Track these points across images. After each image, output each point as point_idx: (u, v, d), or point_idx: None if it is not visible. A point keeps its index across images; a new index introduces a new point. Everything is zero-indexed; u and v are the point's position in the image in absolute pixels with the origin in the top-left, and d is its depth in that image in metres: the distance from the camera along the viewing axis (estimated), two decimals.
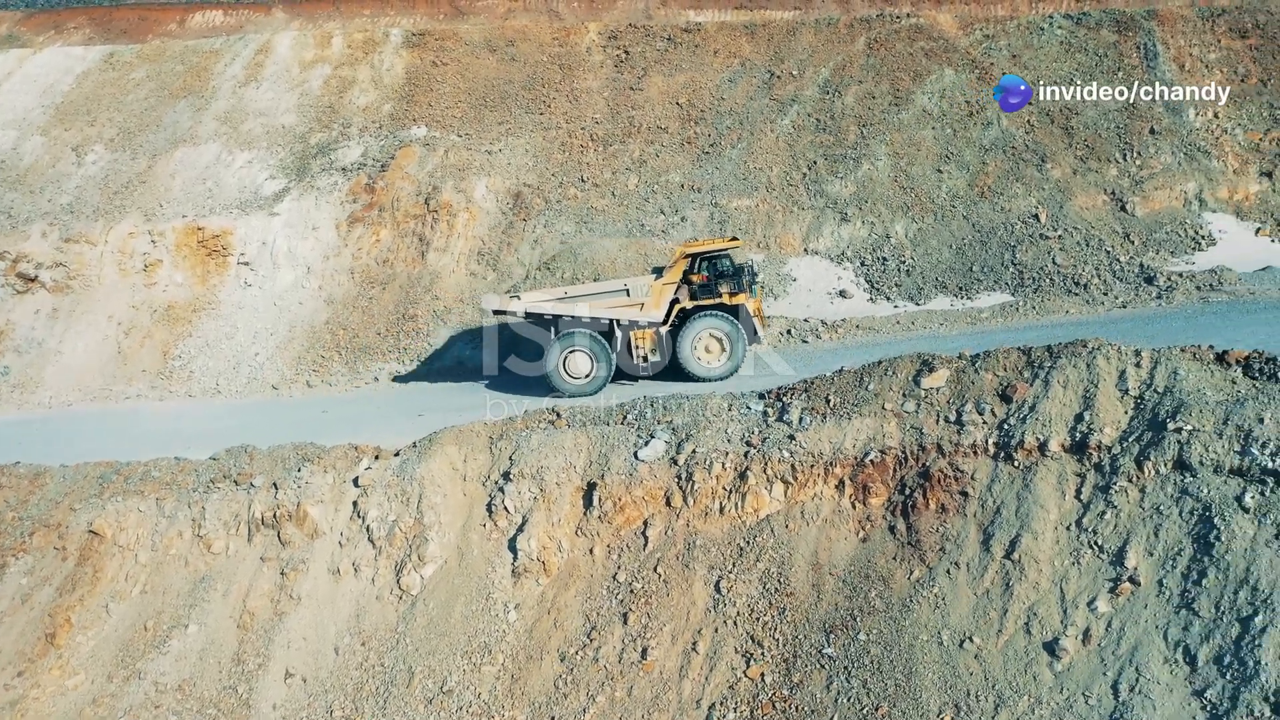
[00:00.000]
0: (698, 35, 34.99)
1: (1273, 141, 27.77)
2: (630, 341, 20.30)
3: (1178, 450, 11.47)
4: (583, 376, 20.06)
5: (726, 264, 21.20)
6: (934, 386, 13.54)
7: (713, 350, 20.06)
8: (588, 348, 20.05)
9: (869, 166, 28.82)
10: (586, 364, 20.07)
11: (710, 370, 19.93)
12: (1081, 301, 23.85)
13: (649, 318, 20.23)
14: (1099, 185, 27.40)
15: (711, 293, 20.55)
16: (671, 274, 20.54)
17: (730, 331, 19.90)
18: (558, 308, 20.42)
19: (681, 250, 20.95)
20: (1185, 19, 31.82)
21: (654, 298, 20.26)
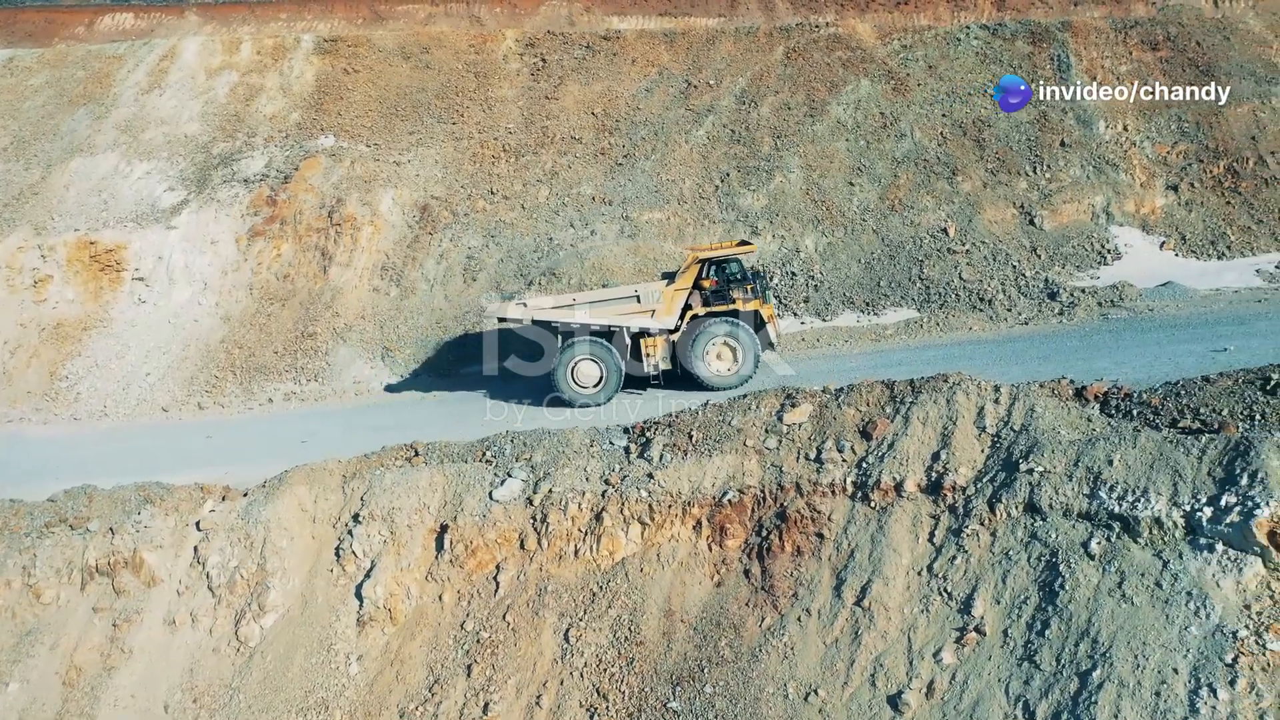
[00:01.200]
0: (617, 43, 34.46)
1: (1179, 155, 27.84)
2: (641, 349, 19.69)
3: (1029, 492, 11.13)
4: (591, 386, 19.45)
5: (738, 269, 20.64)
6: (796, 422, 13.11)
7: (725, 358, 19.52)
8: (597, 356, 19.39)
9: (781, 179, 28.48)
10: (595, 373, 19.45)
11: (722, 378, 19.35)
12: (985, 318, 23.67)
13: (660, 324, 19.65)
14: (1008, 198, 27.28)
15: (724, 299, 20.03)
16: (683, 280, 19.89)
17: (743, 338, 19.32)
18: (566, 315, 19.71)
19: (693, 255, 20.23)
20: (1099, 30, 31.89)
21: (665, 304, 19.65)
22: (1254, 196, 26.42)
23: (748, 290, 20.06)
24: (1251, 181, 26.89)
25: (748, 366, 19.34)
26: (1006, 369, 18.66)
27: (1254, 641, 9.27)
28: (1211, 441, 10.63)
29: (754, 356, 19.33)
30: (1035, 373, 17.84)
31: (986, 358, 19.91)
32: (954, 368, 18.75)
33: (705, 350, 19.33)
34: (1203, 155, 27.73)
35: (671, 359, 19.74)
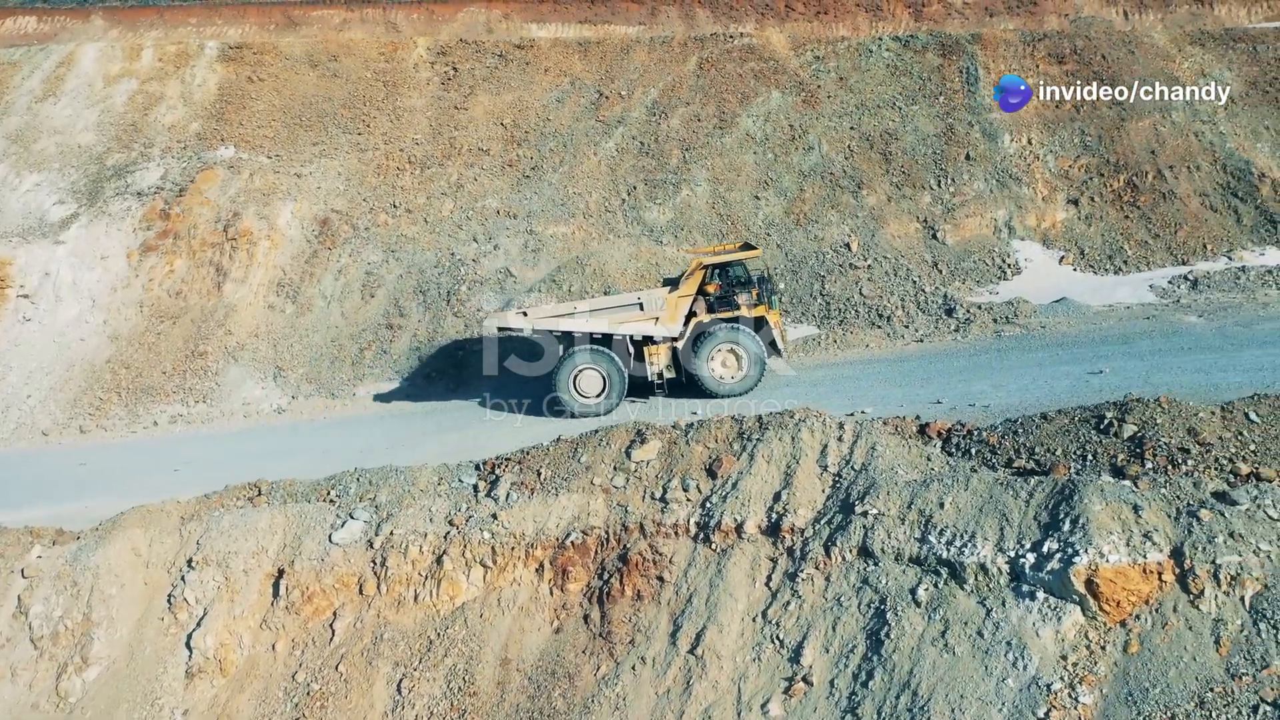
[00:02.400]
0: (530, 52, 34.00)
1: (1081, 168, 28.00)
2: (644, 357, 19.25)
3: (863, 536, 10.90)
4: (594, 396, 18.95)
5: (743, 273, 20.10)
6: (645, 459, 12.78)
7: (730, 365, 19.06)
8: (600, 365, 18.90)
9: (688, 192, 28.21)
10: (598, 382, 18.95)
11: (728, 386, 18.95)
12: (883, 335, 23.58)
13: (664, 332, 19.16)
14: (912, 213, 27.26)
15: (729, 305, 19.54)
16: (687, 286, 19.40)
17: (748, 345, 18.87)
18: (567, 323, 19.19)
19: (697, 261, 19.74)
20: (1008, 43, 32.03)
21: (669, 311, 19.13)
22: (1152, 210, 26.65)
23: (753, 295, 19.62)
24: (1150, 195, 27.12)
25: (753, 374, 18.99)
26: (889, 391, 18.53)
27: (1067, 695, 9.10)
28: (1040, 484, 10.47)
29: (759, 363, 18.98)
30: (915, 395, 17.75)
31: (874, 378, 19.76)
32: (843, 387, 18.76)
33: (709, 357, 18.91)
34: (1104, 169, 27.92)
35: (676, 366, 19.36)
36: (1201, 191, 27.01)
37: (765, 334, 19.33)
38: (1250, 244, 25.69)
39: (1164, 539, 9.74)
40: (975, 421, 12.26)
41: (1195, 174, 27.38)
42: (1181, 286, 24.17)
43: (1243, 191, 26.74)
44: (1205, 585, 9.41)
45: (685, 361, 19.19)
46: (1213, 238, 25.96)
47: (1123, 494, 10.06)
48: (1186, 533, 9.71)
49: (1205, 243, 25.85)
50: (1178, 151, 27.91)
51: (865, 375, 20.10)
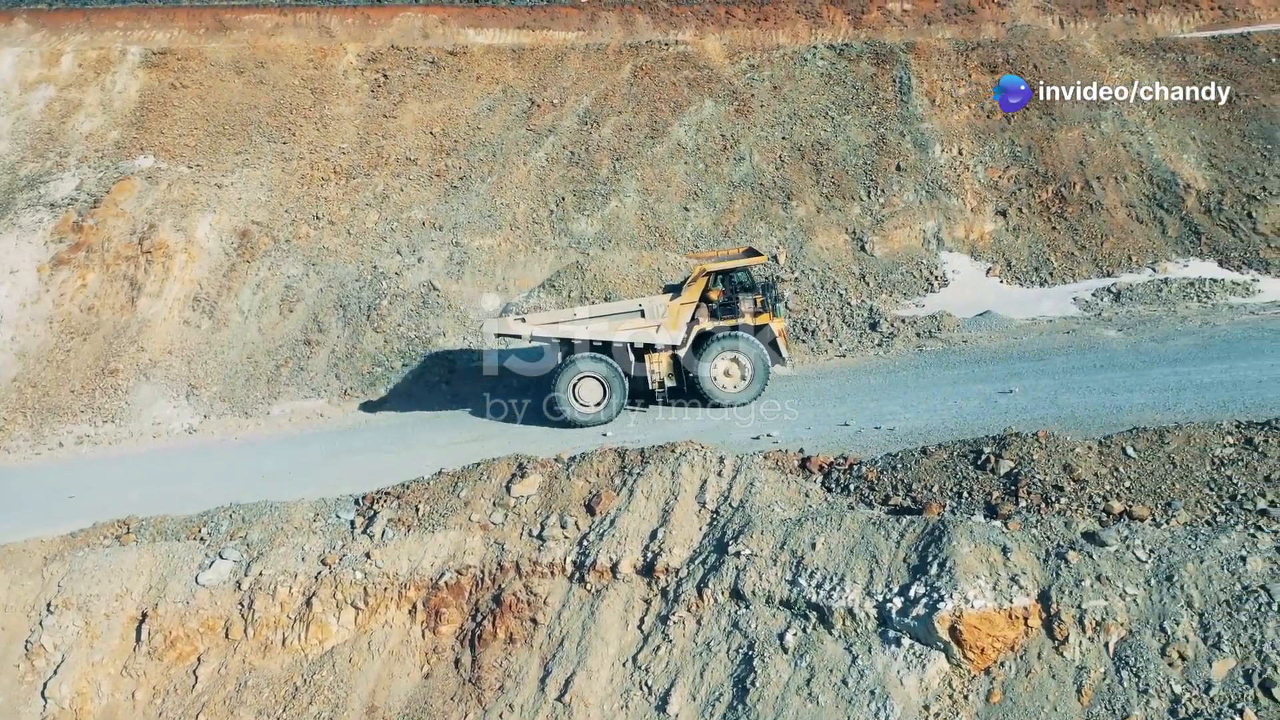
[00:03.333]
0: (463, 59, 33.47)
1: (1011, 179, 27.95)
2: (645, 365, 18.83)
3: (735, 577, 10.54)
4: (594, 404, 18.62)
5: (747, 280, 19.64)
6: (524, 495, 12.37)
7: (732, 374, 18.70)
8: (600, 373, 18.53)
9: (617, 203, 27.84)
10: (599, 390, 18.62)
11: (731, 396, 18.57)
12: (808, 349, 23.31)
13: (666, 340, 18.72)
14: (841, 224, 27.06)
15: (732, 312, 19.10)
16: (690, 292, 18.94)
17: (752, 354, 18.48)
18: (567, 330, 18.74)
19: (700, 267, 19.24)
20: (941, 52, 31.96)
21: (671, 318, 18.70)
22: (1079, 221, 26.64)
23: (757, 303, 19.21)
24: (1078, 206, 27.11)
25: (756, 383, 18.63)
26: (803, 410, 18.26)
27: None
28: (911, 525, 10.19)
29: (763, 372, 18.62)
30: (827, 416, 17.50)
31: (790, 396, 19.46)
32: (756, 407, 18.42)
33: (712, 366, 18.55)
34: (1033, 179, 27.89)
35: (678, 374, 18.97)
36: (1128, 202, 27.04)
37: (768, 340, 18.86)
38: (1174, 255, 25.74)
39: (1032, 582, 9.48)
40: (859, 455, 11.96)
41: (1122, 185, 27.42)
42: (1105, 299, 24.14)
43: (1168, 202, 26.80)
44: (1070, 631, 9.16)
45: (687, 369, 18.83)
46: (1138, 249, 25.98)
47: (992, 535, 9.80)
48: (1055, 575, 9.47)
49: (1130, 254, 25.86)
50: (1106, 162, 27.94)
51: (782, 393, 19.78)
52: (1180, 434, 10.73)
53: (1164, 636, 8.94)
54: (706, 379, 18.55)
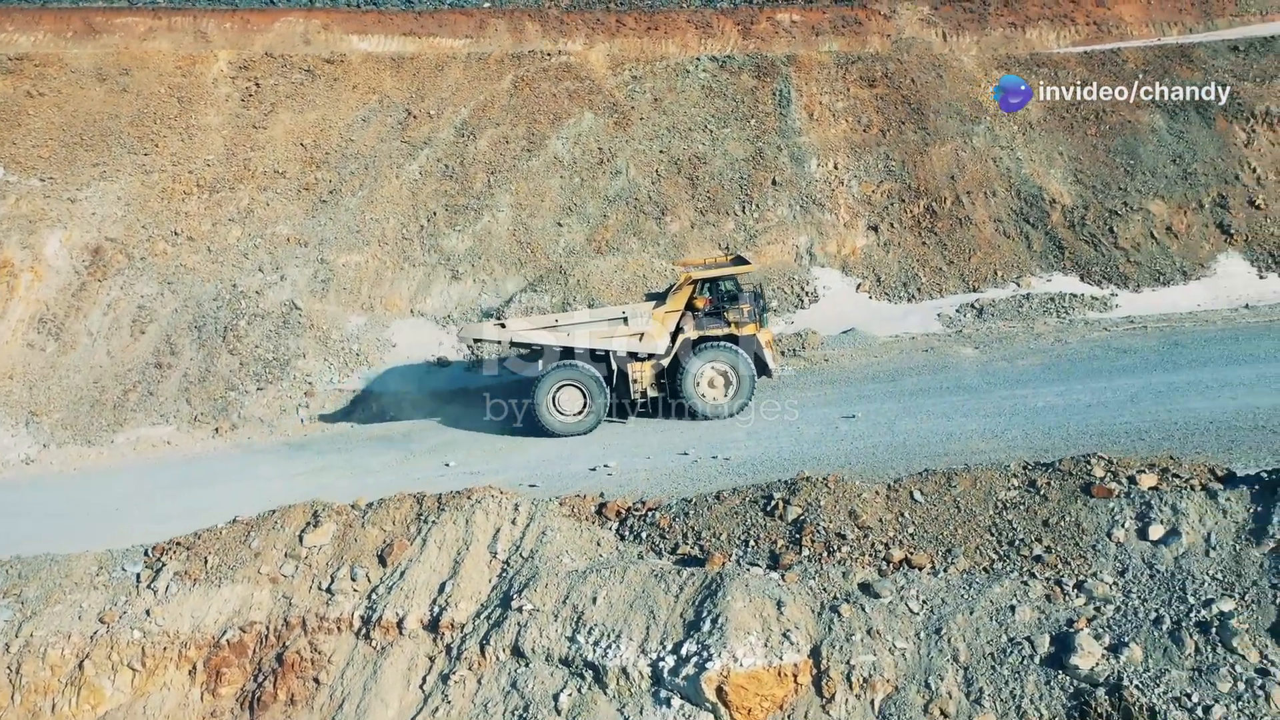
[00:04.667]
0: (339, 67, 32.56)
1: (883, 194, 28.10)
2: (628, 375, 18.30)
3: (517, 633, 10.15)
4: (574, 414, 18.22)
5: (734, 289, 19.14)
6: (317, 544, 11.82)
7: (717, 385, 18.30)
8: (581, 382, 18.06)
9: (490, 218, 27.31)
10: (579, 400, 18.17)
11: (715, 407, 18.19)
12: None
13: (650, 349, 18.25)
14: (715, 239, 26.92)
15: (718, 321, 18.61)
16: (675, 300, 18.49)
17: (738, 365, 18.04)
18: (548, 337, 18.28)
19: (686, 275, 18.83)
20: (822, 65, 32.05)
21: (655, 327, 18.24)
22: (948, 237, 26.88)
23: (744, 312, 18.70)
24: (948, 221, 27.36)
25: (743, 395, 18.23)
26: (647, 438, 18.02)
27: None
28: (691, 577, 9.92)
29: (749, 384, 18.20)
30: (670, 444, 17.25)
31: (642, 421, 19.20)
32: (605, 434, 18.09)
33: (696, 377, 18.16)
34: (905, 194, 28.07)
35: (661, 385, 18.56)
36: (996, 217, 27.38)
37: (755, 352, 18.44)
38: (1039, 270, 26.12)
39: (804, 637, 9.28)
40: (657, 499, 11.68)
41: (991, 200, 27.75)
42: (968, 315, 24.38)
43: (1034, 217, 27.20)
44: (838, 688, 8.98)
45: (671, 380, 18.48)
46: (1004, 264, 26.31)
47: (768, 588, 9.57)
48: (827, 630, 9.28)
49: (996, 269, 26.18)
50: (976, 177, 28.26)
51: (630, 419, 19.51)
52: (967, 477, 10.65)
53: (928, 692, 8.80)
54: (690, 389, 18.22)
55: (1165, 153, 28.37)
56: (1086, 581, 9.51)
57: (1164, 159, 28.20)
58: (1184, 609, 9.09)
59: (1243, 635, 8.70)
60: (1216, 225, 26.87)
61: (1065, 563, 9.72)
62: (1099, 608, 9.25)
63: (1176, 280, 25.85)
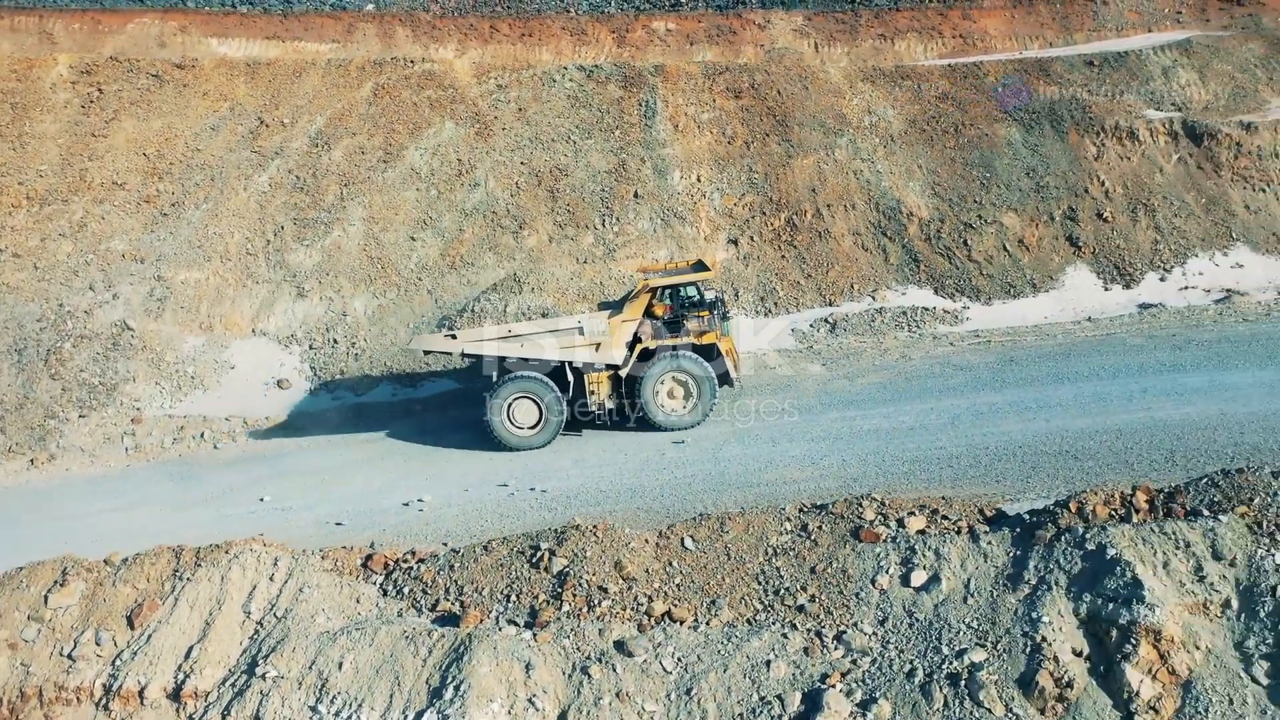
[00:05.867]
0: (190, 73, 31.15)
1: (745, 207, 27.98)
2: (585, 386, 17.73)
3: (258, 704, 9.45)
4: (529, 427, 17.63)
5: (696, 296, 18.64)
6: (63, 605, 10.92)
7: (677, 396, 17.82)
8: (536, 394, 17.42)
9: (340, 232, 26.35)
10: (534, 412, 17.55)
11: (676, 419, 17.74)
12: None
13: (606, 359, 17.67)
14: (573, 253, 26.43)
15: (677, 330, 18.04)
16: (633, 309, 17.88)
17: (699, 374, 17.52)
18: (501, 348, 17.69)
19: (644, 283, 18.23)
20: (690, 75, 31.81)
21: (612, 336, 17.63)
22: (807, 250, 26.88)
23: (704, 320, 18.16)
24: (807, 234, 27.37)
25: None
26: (471, 466, 17.49)
27: None
28: (441, 639, 9.37)
29: (710, 394, 17.71)
30: (494, 474, 16.74)
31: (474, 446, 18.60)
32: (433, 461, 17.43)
33: (655, 388, 17.62)
34: (767, 207, 27.99)
35: (620, 397, 17.98)
36: (855, 230, 27.48)
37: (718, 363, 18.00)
38: (894, 283, 26.29)
39: (552, 702, 8.82)
40: (427, 550, 11.11)
41: (851, 213, 27.85)
42: (821, 329, 24.37)
43: (892, 230, 27.37)
44: None
45: (630, 391, 17.94)
46: (861, 277, 26.41)
47: (518, 649, 9.09)
48: (576, 693, 8.84)
49: (853, 282, 26.26)
50: (836, 190, 28.33)
51: (471, 442, 18.89)
52: (741, 521, 10.34)
53: None
54: (650, 401, 17.77)
55: (1020, 166, 28.86)
56: (846, 632, 9.26)
57: (1018, 172, 28.68)
58: (938, 660, 8.90)
59: (990, 688, 8.53)
60: (1066, 238, 27.40)
61: (828, 612, 9.46)
62: (855, 660, 9.01)
63: (1026, 293, 26.27)
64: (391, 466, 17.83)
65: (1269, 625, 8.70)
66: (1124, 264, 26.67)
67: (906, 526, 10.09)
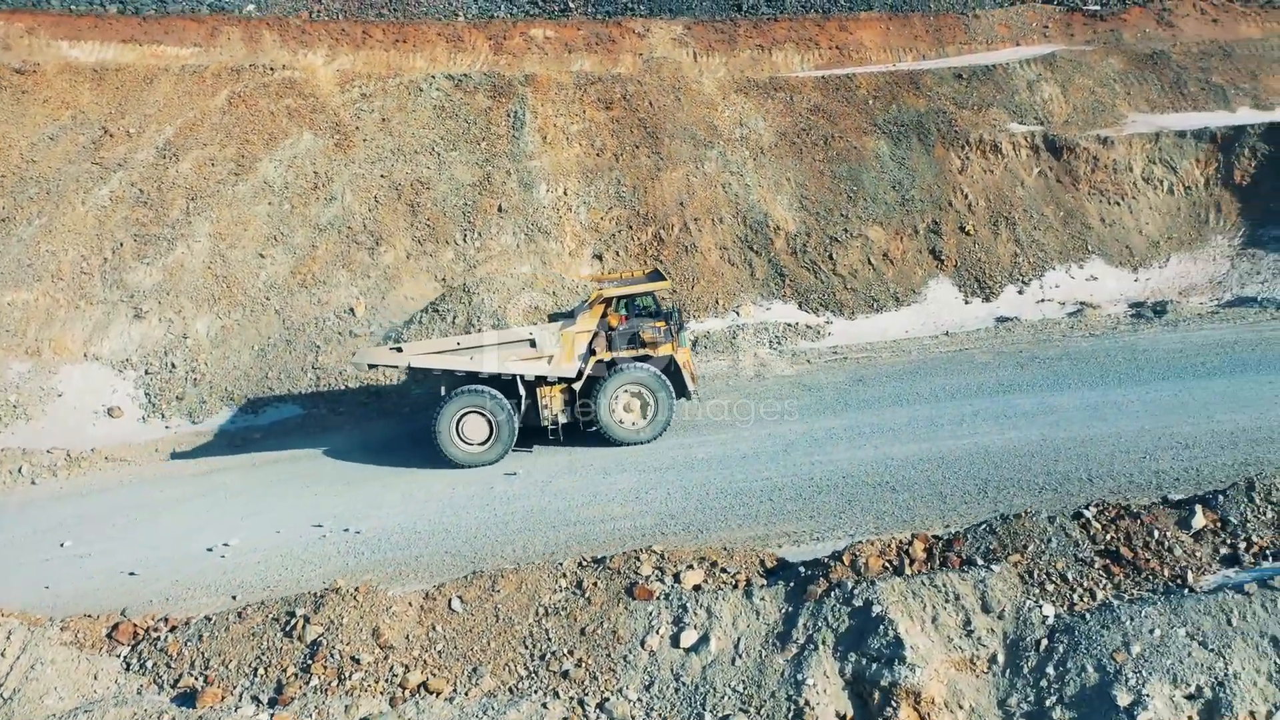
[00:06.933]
0: (31, 78, 29.43)
1: (612, 221, 27.54)
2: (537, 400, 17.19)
3: None
4: (479, 443, 17.03)
5: (651, 306, 18.43)
6: None
7: (633, 409, 17.35)
8: (486, 409, 16.83)
9: (184, 249, 25.10)
10: (484, 428, 16.94)
11: (632, 433, 17.29)
12: (374, 413, 21.68)
13: (559, 371, 17.11)
14: (432, 270, 25.67)
15: (633, 342, 17.52)
16: (586, 320, 17.40)
17: (655, 387, 17.03)
18: (449, 361, 17.02)
19: (599, 292, 17.87)
20: (560, 85, 31.25)
21: (565, 348, 17.08)
22: (674, 265, 26.55)
23: (660, 331, 17.62)
24: (674, 249, 27.06)
25: (661, 419, 17.27)
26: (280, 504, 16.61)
27: None
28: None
29: (667, 408, 17.23)
30: (316, 508, 15.96)
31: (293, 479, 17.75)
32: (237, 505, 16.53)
33: (611, 401, 17.13)
34: (634, 221, 27.60)
35: (574, 411, 17.39)
36: (722, 245, 27.27)
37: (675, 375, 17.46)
38: (759, 298, 26.14)
39: None
40: (180, 618, 10.33)
41: (718, 226, 27.63)
42: None
43: (758, 244, 27.24)
44: None
45: (584, 404, 17.38)
46: (726, 292, 26.20)
47: None
48: None
49: (718, 298, 26.03)
50: (705, 204, 28.08)
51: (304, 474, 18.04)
52: (514, 579, 9.82)
53: None
54: (605, 415, 17.28)
55: (887, 179, 29.01)
56: (610, 699, 8.82)
57: (885, 185, 28.82)
58: None
59: None
60: (929, 251, 27.63)
61: (594, 678, 9.00)
62: None
63: (889, 306, 26.39)
64: (210, 504, 16.88)
65: (1031, 682, 8.52)
66: (984, 277, 26.98)
67: (683, 582, 9.70)
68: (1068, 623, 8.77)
